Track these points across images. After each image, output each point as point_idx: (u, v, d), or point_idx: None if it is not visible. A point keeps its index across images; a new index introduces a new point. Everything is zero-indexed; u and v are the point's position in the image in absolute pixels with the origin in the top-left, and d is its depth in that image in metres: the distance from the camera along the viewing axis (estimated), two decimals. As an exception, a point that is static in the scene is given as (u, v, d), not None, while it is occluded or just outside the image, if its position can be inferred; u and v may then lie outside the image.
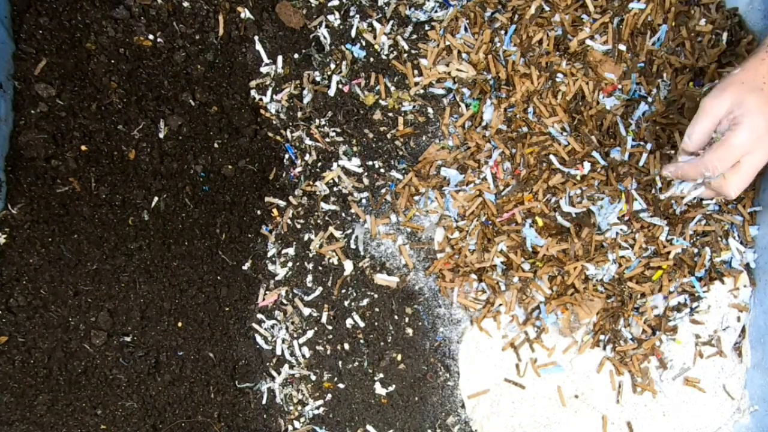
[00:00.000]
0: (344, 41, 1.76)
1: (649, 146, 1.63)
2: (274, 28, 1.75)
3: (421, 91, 1.74)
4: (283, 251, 1.66)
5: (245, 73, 1.73)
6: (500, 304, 1.63)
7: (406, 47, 1.76)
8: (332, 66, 1.74)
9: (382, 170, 1.71)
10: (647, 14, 1.70)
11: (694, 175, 1.43)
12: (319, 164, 1.71)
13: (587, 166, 1.63)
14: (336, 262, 1.65)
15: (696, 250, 1.63)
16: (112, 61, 1.64)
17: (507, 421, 1.61)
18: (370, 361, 1.60)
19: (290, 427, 1.58)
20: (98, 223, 1.58)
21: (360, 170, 1.70)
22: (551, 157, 1.64)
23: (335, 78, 1.73)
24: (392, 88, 1.74)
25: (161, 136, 1.65)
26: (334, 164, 1.70)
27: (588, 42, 1.70)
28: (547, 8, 1.74)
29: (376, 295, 1.63)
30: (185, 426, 1.53)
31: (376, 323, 1.62)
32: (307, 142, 1.71)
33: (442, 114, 1.73)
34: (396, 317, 1.62)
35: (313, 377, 1.59)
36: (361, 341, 1.61)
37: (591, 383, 1.62)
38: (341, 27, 1.77)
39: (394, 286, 1.63)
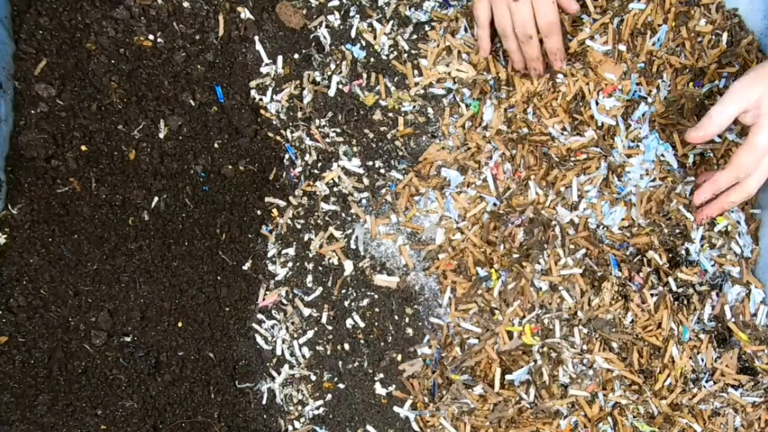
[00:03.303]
0: (344, 41, 1.76)
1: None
2: (274, 28, 1.75)
3: (421, 92, 1.74)
4: (283, 251, 1.66)
5: (245, 73, 1.73)
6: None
7: (406, 47, 1.76)
8: (332, 66, 1.74)
9: (382, 170, 1.71)
10: (647, 14, 1.70)
11: (729, 181, 1.44)
12: (319, 164, 1.71)
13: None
14: (336, 262, 1.65)
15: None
16: (112, 61, 1.64)
17: (507, 421, 1.61)
18: (370, 361, 1.60)
19: (290, 428, 1.58)
20: (98, 223, 1.57)
21: (360, 170, 1.70)
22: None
23: (335, 78, 1.73)
24: (392, 88, 1.74)
25: (161, 136, 1.65)
26: (334, 164, 1.70)
27: (588, 42, 1.70)
28: (547, 8, 1.74)
29: (376, 296, 1.63)
30: (185, 426, 1.53)
31: (376, 323, 1.62)
32: (307, 142, 1.71)
33: (442, 114, 1.73)
34: (396, 317, 1.62)
35: (313, 377, 1.60)
36: (361, 341, 1.61)
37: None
38: (341, 27, 1.77)
39: (394, 287, 1.63)
